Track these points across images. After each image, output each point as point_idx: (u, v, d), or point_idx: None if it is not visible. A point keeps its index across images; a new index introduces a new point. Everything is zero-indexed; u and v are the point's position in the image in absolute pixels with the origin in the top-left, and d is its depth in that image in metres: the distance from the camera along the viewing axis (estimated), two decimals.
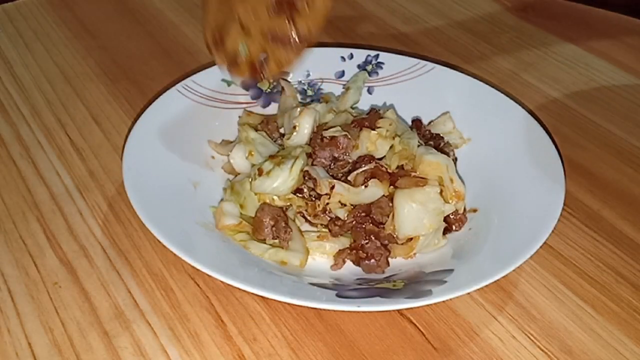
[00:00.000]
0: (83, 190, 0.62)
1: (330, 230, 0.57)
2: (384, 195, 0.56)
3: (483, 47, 0.85)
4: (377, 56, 0.72)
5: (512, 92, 0.74)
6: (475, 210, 0.59)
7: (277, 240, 0.56)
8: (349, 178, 0.57)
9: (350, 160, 0.59)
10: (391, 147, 0.59)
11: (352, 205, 0.57)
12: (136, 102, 0.73)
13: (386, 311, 0.51)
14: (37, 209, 0.59)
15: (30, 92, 0.74)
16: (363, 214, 0.56)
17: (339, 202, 0.56)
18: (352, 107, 0.68)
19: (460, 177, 0.58)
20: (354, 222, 0.56)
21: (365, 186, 0.56)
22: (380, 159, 0.59)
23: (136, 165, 0.56)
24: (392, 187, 0.57)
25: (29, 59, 0.79)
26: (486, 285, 0.49)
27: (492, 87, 0.68)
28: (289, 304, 0.50)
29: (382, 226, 0.56)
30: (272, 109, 0.70)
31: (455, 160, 0.63)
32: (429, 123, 0.67)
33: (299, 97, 0.70)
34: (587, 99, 0.77)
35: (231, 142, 0.65)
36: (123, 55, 0.81)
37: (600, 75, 0.81)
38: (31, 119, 0.70)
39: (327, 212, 0.57)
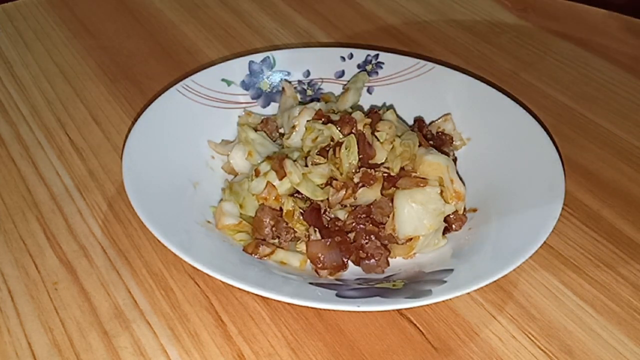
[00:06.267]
0: (83, 190, 0.62)
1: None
2: (384, 196, 0.56)
3: (483, 47, 0.85)
4: (377, 56, 0.72)
5: (512, 92, 0.74)
6: (475, 210, 0.59)
7: (277, 240, 0.56)
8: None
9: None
10: (392, 148, 0.59)
11: (352, 206, 0.57)
12: (136, 102, 0.73)
13: (386, 311, 0.51)
14: (37, 209, 0.59)
15: (30, 92, 0.74)
16: (363, 215, 0.56)
17: (339, 203, 0.56)
18: (351, 108, 0.68)
19: (460, 177, 0.58)
20: (353, 223, 0.56)
21: (355, 198, 0.56)
22: (382, 164, 0.58)
23: (136, 165, 0.56)
24: (392, 187, 0.56)
25: (29, 59, 0.79)
26: (486, 285, 0.48)
27: (492, 87, 0.68)
28: (289, 303, 0.50)
29: (382, 226, 0.56)
30: (272, 109, 0.70)
31: (455, 160, 0.63)
32: (430, 124, 0.67)
33: (299, 97, 0.70)
34: (587, 99, 0.77)
35: (231, 142, 0.65)
36: (123, 55, 0.81)
37: (600, 75, 0.81)
38: (31, 118, 0.70)
39: (326, 212, 0.57)
